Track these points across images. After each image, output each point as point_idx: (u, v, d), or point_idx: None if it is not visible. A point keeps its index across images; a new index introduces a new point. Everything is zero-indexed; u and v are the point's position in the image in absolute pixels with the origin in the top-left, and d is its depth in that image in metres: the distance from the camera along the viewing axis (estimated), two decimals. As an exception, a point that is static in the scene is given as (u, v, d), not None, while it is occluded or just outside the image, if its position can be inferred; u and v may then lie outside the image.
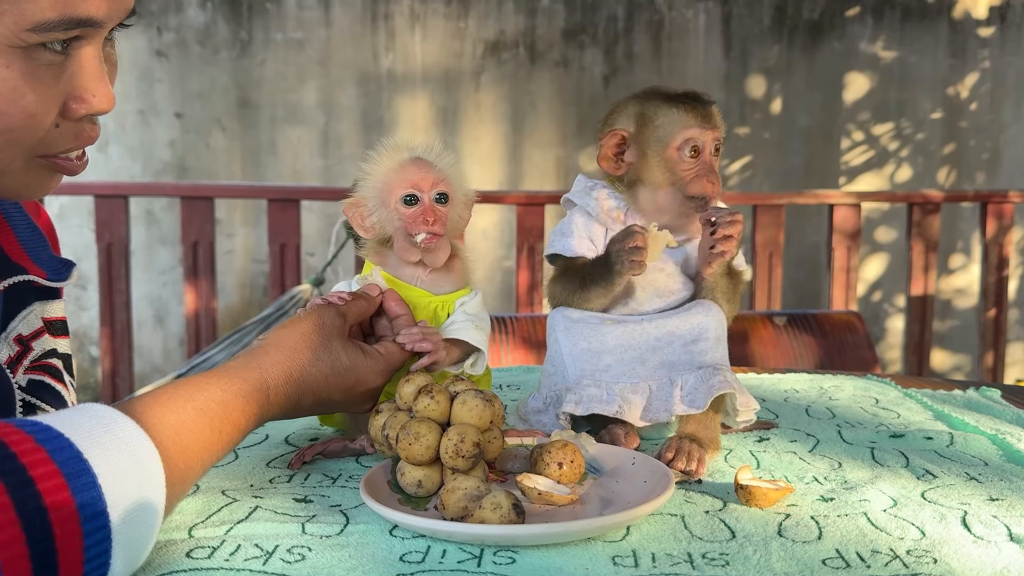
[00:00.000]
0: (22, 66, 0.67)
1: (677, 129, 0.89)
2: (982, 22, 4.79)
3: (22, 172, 0.72)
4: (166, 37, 4.55)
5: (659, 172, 0.91)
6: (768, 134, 4.76)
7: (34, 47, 0.67)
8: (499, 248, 4.63)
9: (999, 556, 0.62)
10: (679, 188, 0.90)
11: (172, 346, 4.63)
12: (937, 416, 1.03)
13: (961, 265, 4.87)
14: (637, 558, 0.63)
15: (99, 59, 0.72)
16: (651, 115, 0.91)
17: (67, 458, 0.53)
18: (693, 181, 0.89)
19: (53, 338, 0.87)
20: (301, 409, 0.78)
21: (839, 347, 2.20)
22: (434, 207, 0.86)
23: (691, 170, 0.89)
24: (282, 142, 4.61)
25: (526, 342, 2.09)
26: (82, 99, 0.71)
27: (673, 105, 0.90)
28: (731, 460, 0.87)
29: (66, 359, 0.89)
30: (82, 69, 0.70)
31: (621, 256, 0.85)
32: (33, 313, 0.85)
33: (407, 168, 0.88)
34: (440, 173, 0.88)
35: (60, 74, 0.69)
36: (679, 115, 0.89)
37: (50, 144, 0.72)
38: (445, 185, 0.88)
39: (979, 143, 4.85)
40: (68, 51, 0.69)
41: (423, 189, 0.87)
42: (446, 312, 0.89)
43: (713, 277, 0.90)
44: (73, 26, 0.67)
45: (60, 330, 0.89)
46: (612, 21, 4.69)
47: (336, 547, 0.64)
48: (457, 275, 0.91)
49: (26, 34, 0.65)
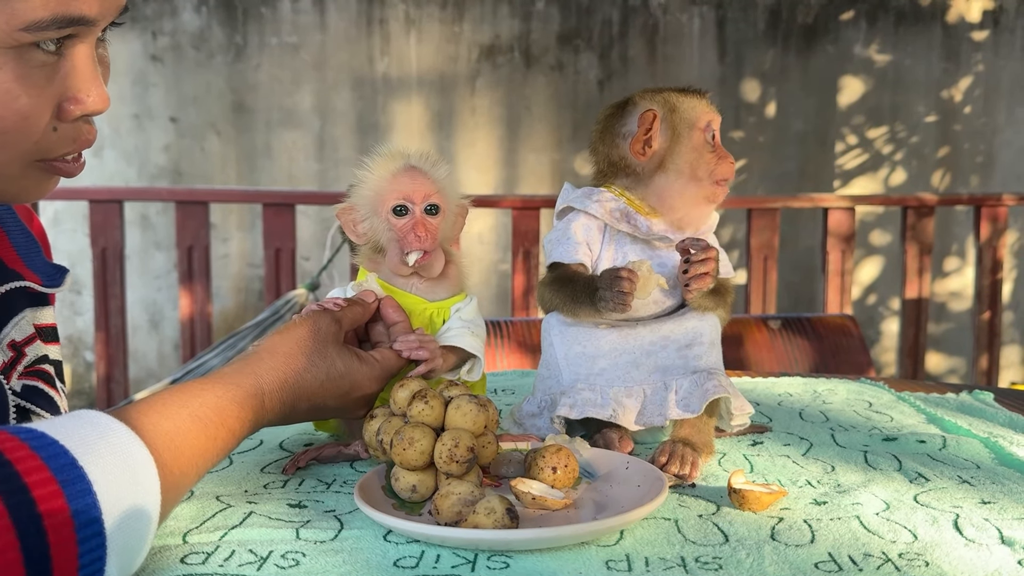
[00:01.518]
0: (14, 68, 0.66)
1: (700, 112, 0.93)
2: (975, 26, 4.81)
3: (20, 176, 0.72)
4: (161, 41, 4.55)
5: (688, 155, 0.92)
6: (763, 138, 4.77)
7: (26, 48, 0.66)
8: (494, 252, 4.63)
9: (990, 559, 0.63)
10: (703, 178, 0.91)
11: (167, 351, 4.63)
12: (930, 419, 1.04)
13: (955, 268, 4.88)
14: (631, 562, 0.63)
15: (92, 59, 0.71)
16: (674, 102, 0.93)
17: (62, 465, 0.53)
18: (720, 163, 0.92)
19: (45, 344, 0.87)
20: (296, 415, 0.78)
21: (833, 350, 2.21)
22: (425, 220, 0.86)
23: (715, 153, 0.92)
24: (277, 146, 4.61)
25: (521, 346, 2.10)
26: (76, 100, 0.70)
27: (687, 94, 0.94)
28: (724, 464, 0.87)
29: (57, 365, 0.89)
30: (75, 70, 0.70)
31: (607, 295, 0.86)
32: (25, 319, 0.85)
33: (400, 177, 0.87)
34: (432, 184, 0.88)
35: (53, 75, 0.69)
36: (697, 101, 0.94)
37: (49, 148, 0.71)
38: (437, 196, 0.87)
39: (973, 146, 4.86)
40: (61, 51, 0.69)
41: (414, 200, 0.87)
42: (441, 318, 0.89)
43: (694, 301, 0.91)
44: (66, 24, 0.66)
45: (51, 336, 0.89)
46: (607, 25, 4.70)
47: (330, 552, 0.64)
48: (452, 281, 0.91)
49: (18, 34, 0.65)
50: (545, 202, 3.26)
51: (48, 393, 0.86)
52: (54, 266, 0.89)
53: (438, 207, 0.87)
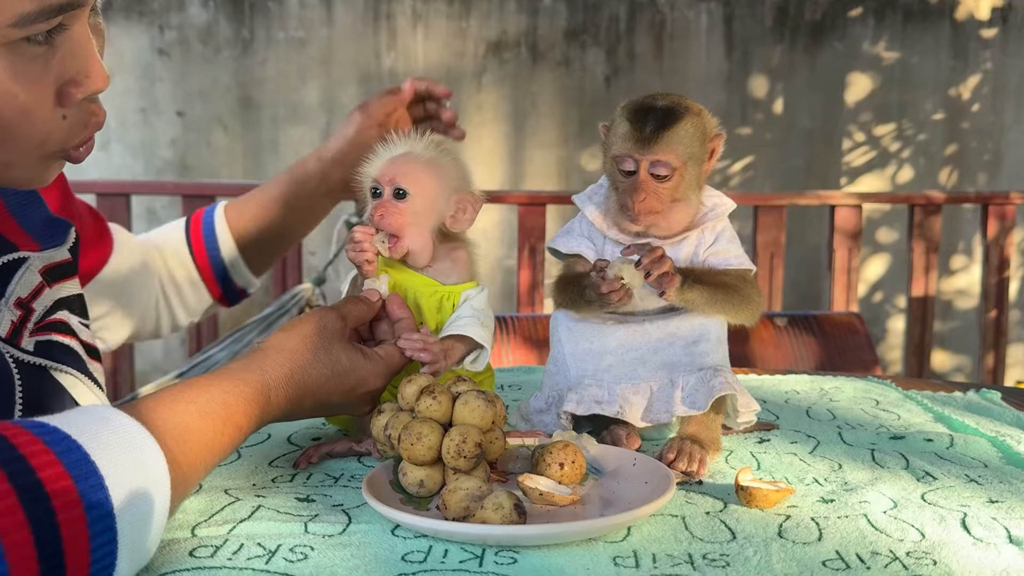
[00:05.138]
0: (7, 65, 0.64)
1: (617, 144, 0.90)
2: (984, 24, 4.79)
3: (31, 165, 0.72)
4: (168, 36, 4.56)
5: (609, 178, 0.93)
6: (770, 135, 4.76)
7: (17, 43, 0.64)
8: (500, 248, 4.63)
9: (998, 558, 0.63)
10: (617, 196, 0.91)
11: (173, 345, 4.64)
12: (937, 418, 1.04)
13: (962, 266, 4.87)
14: (638, 559, 0.63)
15: (87, 37, 0.69)
16: (613, 123, 0.93)
17: (75, 460, 0.54)
18: (622, 193, 0.90)
19: (60, 283, 0.86)
20: (301, 411, 0.78)
21: (840, 348, 2.20)
22: (388, 202, 0.86)
23: (623, 183, 0.90)
24: (284, 141, 4.62)
25: (527, 342, 2.10)
26: (76, 82, 0.69)
27: (626, 119, 0.90)
28: (732, 461, 0.87)
29: (75, 301, 0.88)
30: (71, 53, 0.68)
31: (592, 296, 0.88)
32: (29, 270, 0.84)
33: (380, 162, 0.89)
34: (407, 169, 0.87)
35: (48, 64, 0.67)
36: (623, 131, 0.90)
37: (64, 139, 0.71)
38: (405, 179, 0.87)
39: (980, 144, 4.85)
40: (52, 39, 0.66)
41: (382, 183, 0.87)
42: (451, 303, 0.89)
43: (673, 301, 0.89)
44: (55, 13, 0.64)
45: (64, 274, 0.88)
46: (614, 21, 4.69)
47: (338, 546, 0.65)
48: (463, 267, 0.91)
49: (7, 30, 0.63)
50: (551, 198, 3.25)
51: (64, 344, 0.85)
52: (54, 221, 0.87)
53: (405, 192, 0.87)
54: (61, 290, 0.88)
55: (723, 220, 0.94)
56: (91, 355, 0.91)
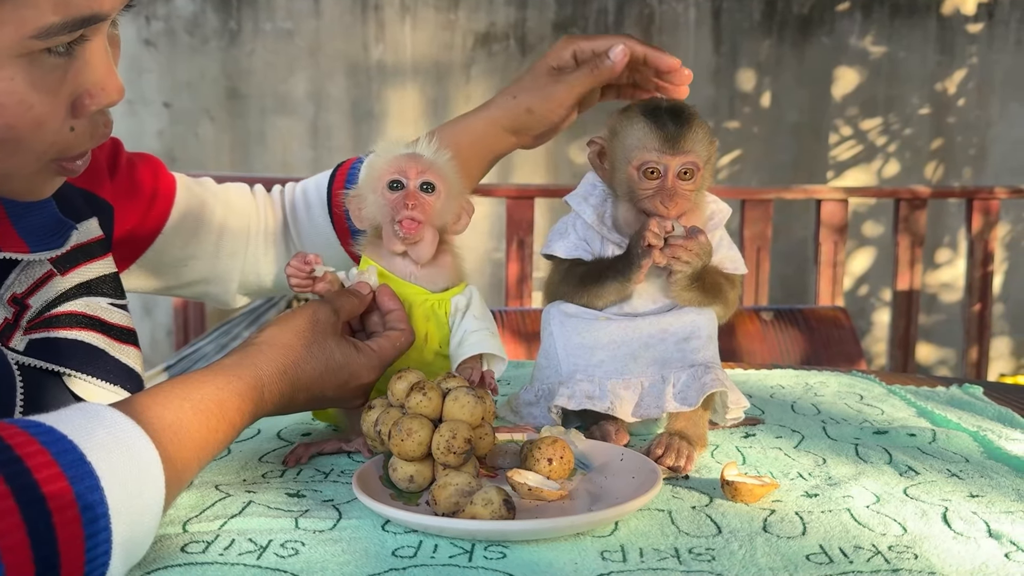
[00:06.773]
0: (26, 76, 0.64)
1: (637, 150, 0.88)
2: (970, 19, 4.82)
3: (34, 175, 0.71)
4: (155, 26, 4.53)
5: (621, 187, 0.91)
6: (757, 128, 4.78)
7: (37, 54, 0.64)
8: (488, 240, 4.63)
9: (978, 552, 0.64)
10: (636, 204, 0.90)
11: (160, 337, 4.63)
12: (920, 413, 1.05)
13: (947, 260, 4.90)
14: (625, 553, 0.64)
15: (105, 51, 0.69)
16: (621, 129, 0.90)
17: (71, 461, 0.54)
18: (647, 199, 0.88)
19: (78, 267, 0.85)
20: (295, 405, 0.78)
21: (825, 342, 2.22)
22: (417, 193, 0.87)
23: (647, 190, 0.88)
24: (271, 133, 4.60)
25: (516, 335, 2.11)
26: (91, 94, 0.69)
27: (642, 122, 0.88)
28: (717, 456, 0.88)
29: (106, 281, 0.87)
30: (88, 65, 0.68)
31: (637, 251, 0.86)
32: (29, 265, 0.82)
33: (399, 159, 0.89)
34: (430, 165, 0.89)
35: (65, 75, 0.67)
36: (641, 135, 0.88)
37: (68, 148, 0.70)
38: (432, 175, 0.88)
39: (966, 139, 4.88)
40: (72, 50, 0.66)
41: (409, 176, 0.87)
42: (443, 309, 0.90)
43: (673, 288, 0.89)
44: (78, 26, 0.64)
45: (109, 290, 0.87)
46: (602, 14, 4.69)
47: (329, 542, 0.65)
48: (449, 271, 0.92)
49: (29, 41, 0.62)
50: (540, 191, 3.26)
51: (70, 339, 0.83)
52: (59, 223, 0.85)
53: (433, 185, 0.88)
54: (84, 273, 0.86)
55: (721, 228, 0.95)
56: (124, 339, 0.89)
